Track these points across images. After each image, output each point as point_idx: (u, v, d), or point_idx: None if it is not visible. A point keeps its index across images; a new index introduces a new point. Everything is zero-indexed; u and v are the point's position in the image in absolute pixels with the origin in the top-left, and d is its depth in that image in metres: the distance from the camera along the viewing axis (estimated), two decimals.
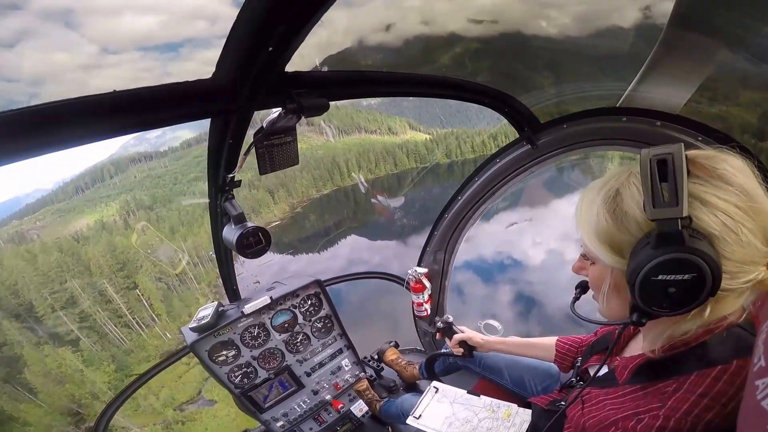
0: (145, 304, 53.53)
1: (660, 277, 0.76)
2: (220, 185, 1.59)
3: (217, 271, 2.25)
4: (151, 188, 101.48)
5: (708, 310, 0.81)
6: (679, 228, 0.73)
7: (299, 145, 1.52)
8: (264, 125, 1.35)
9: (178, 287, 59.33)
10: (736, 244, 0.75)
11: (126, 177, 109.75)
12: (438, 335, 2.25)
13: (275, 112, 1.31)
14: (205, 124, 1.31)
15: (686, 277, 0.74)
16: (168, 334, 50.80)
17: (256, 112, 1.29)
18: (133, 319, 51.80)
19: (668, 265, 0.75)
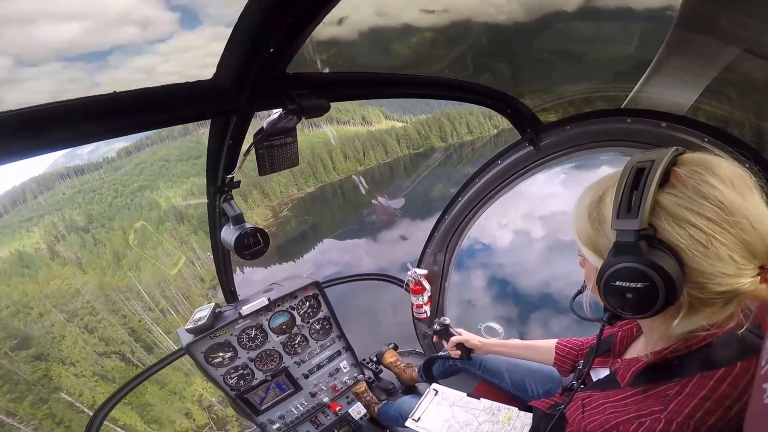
0: None
1: (617, 283, 0.81)
2: (219, 186, 1.57)
3: None
4: (85, 205, 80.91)
5: (680, 316, 0.82)
6: (635, 240, 0.77)
7: None
8: (264, 126, 1.34)
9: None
10: (704, 256, 0.75)
11: (53, 195, 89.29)
12: (435, 338, 2.24)
13: (275, 112, 1.29)
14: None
15: (639, 285, 0.77)
16: None
17: (256, 113, 1.28)
18: None
19: (623, 273, 0.79)
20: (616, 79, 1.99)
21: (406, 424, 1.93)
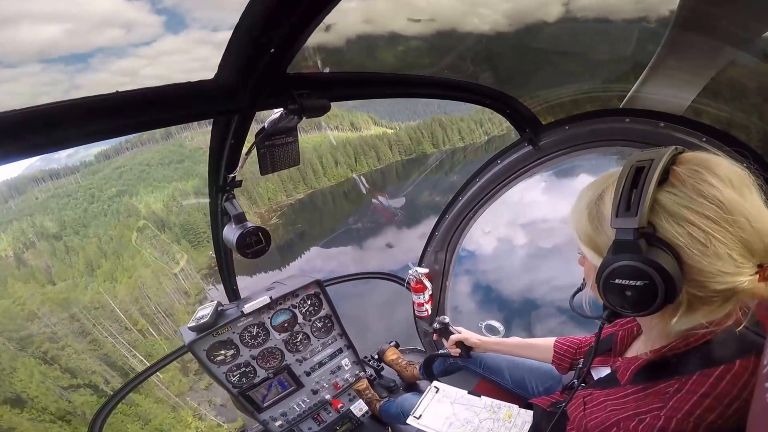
0: None
1: (617, 281, 0.81)
2: (221, 185, 1.59)
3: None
4: (59, 210, 75.39)
5: (679, 314, 0.82)
6: (635, 238, 0.77)
7: None
8: (266, 126, 1.35)
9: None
10: (703, 255, 0.75)
11: (25, 200, 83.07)
12: (435, 336, 2.25)
13: (277, 112, 1.31)
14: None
15: (639, 283, 0.78)
16: None
17: (257, 112, 1.29)
18: None
19: (623, 271, 0.79)
20: (614, 79, 2.00)
21: (408, 421, 1.94)
